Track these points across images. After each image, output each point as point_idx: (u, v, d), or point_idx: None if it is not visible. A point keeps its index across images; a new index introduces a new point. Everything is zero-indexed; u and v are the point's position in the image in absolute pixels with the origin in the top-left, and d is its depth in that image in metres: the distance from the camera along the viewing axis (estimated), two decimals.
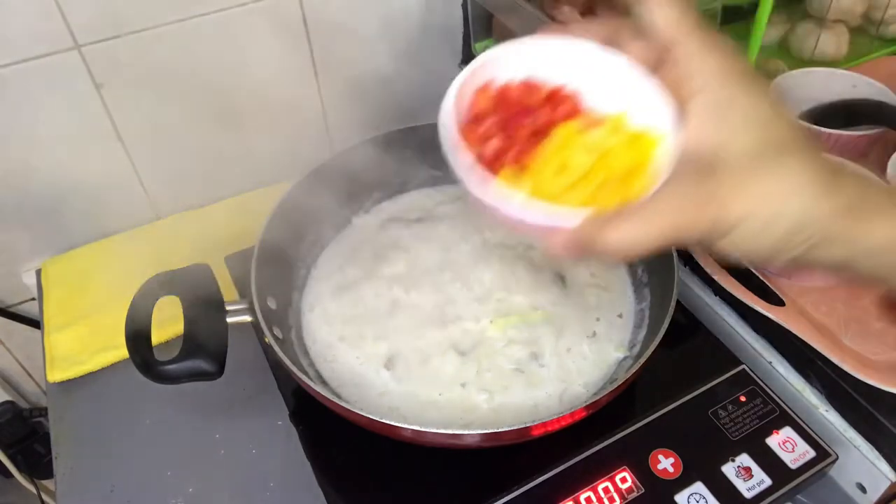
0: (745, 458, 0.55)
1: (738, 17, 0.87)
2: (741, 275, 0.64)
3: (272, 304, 0.61)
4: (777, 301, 0.61)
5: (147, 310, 0.55)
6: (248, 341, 0.67)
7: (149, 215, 0.85)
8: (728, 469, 0.54)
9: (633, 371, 0.53)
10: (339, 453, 0.59)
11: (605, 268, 0.69)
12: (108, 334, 0.69)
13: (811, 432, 0.56)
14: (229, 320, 0.56)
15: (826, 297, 0.62)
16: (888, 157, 0.65)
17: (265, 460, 0.61)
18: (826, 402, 0.59)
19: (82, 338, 0.71)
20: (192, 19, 0.73)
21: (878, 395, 0.54)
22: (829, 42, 0.86)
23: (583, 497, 0.53)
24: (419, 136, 0.71)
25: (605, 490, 0.53)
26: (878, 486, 0.55)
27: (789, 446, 0.56)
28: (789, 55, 0.90)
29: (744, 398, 0.59)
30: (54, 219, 0.79)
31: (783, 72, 0.79)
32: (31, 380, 0.93)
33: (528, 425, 0.49)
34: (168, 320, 0.56)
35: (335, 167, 0.69)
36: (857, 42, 0.90)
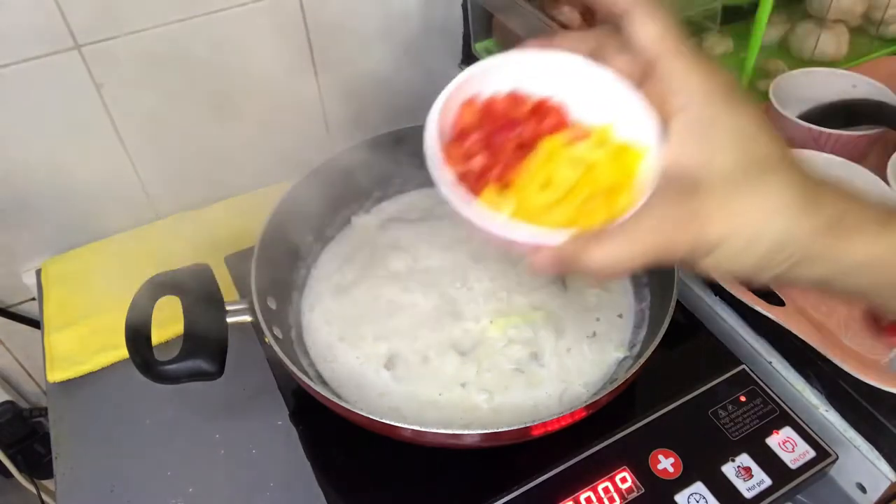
0: (745, 458, 0.55)
1: (738, 17, 0.87)
2: None
3: (272, 304, 0.61)
4: (777, 301, 0.61)
5: (147, 310, 0.55)
6: (248, 341, 0.67)
7: (149, 215, 0.85)
8: (728, 469, 0.54)
9: (633, 371, 0.53)
10: (339, 453, 0.59)
11: None
12: (108, 334, 0.69)
13: (811, 432, 0.56)
14: (229, 320, 0.56)
15: (826, 298, 0.62)
16: (888, 157, 0.65)
17: (265, 460, 0.61)
18: (826, 402, 0.59)
19: (82, 338, 0.71)
20: (192, 19, 0.73)
21: (878, 395, 0.55)
22: (829, 42, 0.86)
23: (583, 497, 0.53)
24: (419, 136, 0.70)
25: (605, 490, 0.53)
26: (878, 486, 0.55)
27: (789, 446, 0.56)
28: (789, 55, 0.90)
29: (744, 398, 0.59)
30: (54, 219, 0.79)
31: (783, 72, 0.80)
32: (31, 380, 0.93)
33: (528, 425, 0.49)
34: (168, 320, 0.56)
35: (335, 167, 0.69)
36: (857, 42, 0.90)
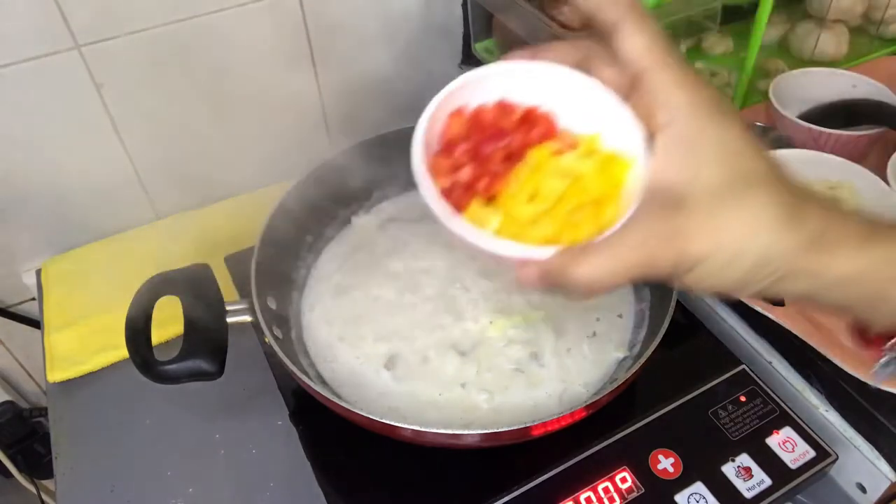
0: (745, 458, 0.55)
1: (738, 17, 0.87)
2: None
3: (272, 304, 0.61)
4: (777, 301, 0.61)
5: (147, 310, 0.55)
6: (248, 341, 0.67)
7: (149, 215, 0.85)
8: (728, 469, 0.54)
9: (633, 371, 0.53)
10: (339, 453, 0.59)
11: None
12: (107, 334, 0.69)
13: (811, 432, 0.56)
14: (229, 320, 0.56)
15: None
16: (888, 157, 0.65)
17: (265, 460, 0.61)
18: (826, 402, 0.59)
19: (82, 338, 0.71)
20: (192, 19, 0.73)
21: (878, 395, 0.55)
22: (829, 42, 0.86)
23: (583, 497, 0.53)
24: None
25: (605, 490, 0.53)
26: (878, 486, 0.55)
27: (789, 446, 0.56)
28: (789, 55, 0.90)
29: (744, 398, 0.59)
30: (54, 219, 0.79)
31: (783, 72, 0.80)
32: (31, 380, 0.93)
33: (528, 425, 0.49)
34: (168, 320, 0.56)
35: (335, 167, 0.69)
36: (857, 42, 0.90)
